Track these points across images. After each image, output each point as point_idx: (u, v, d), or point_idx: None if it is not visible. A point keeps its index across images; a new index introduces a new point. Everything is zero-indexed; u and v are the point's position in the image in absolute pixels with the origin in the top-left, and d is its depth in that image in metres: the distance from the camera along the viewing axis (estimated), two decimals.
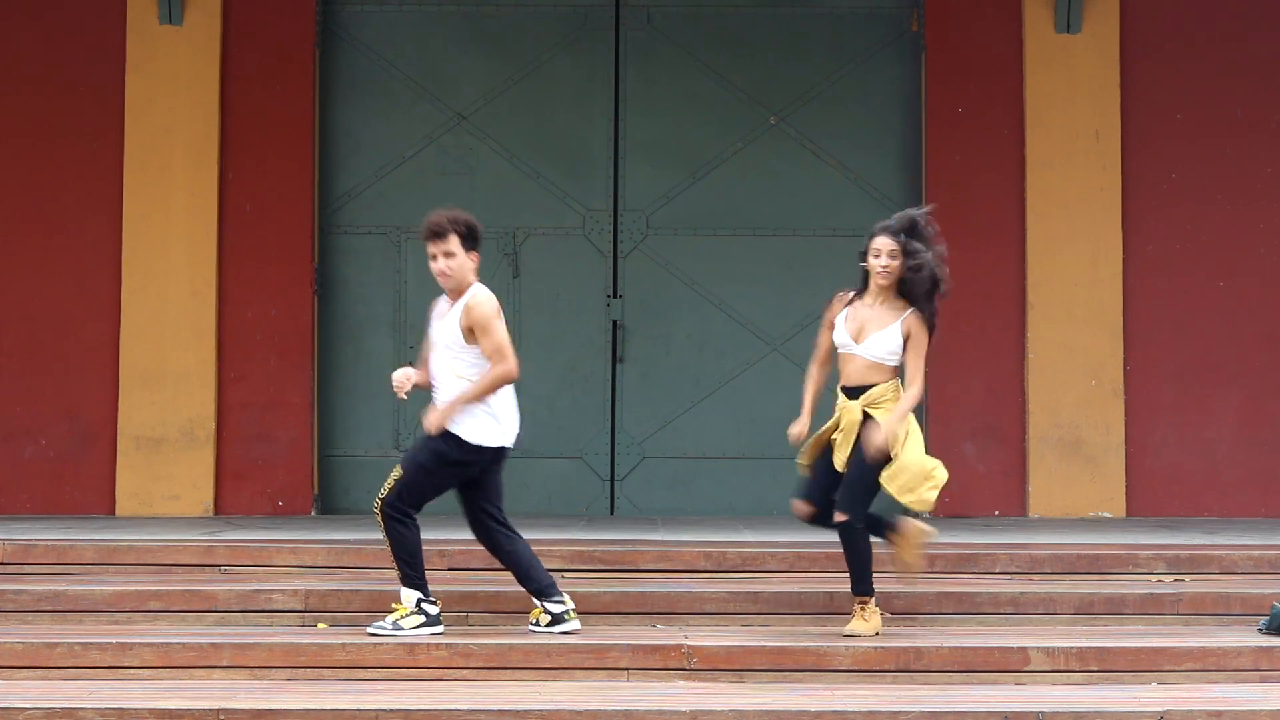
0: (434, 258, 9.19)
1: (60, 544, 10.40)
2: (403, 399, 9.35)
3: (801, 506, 9.25)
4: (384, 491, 9.03)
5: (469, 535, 9.34)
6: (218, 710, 7.80)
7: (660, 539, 10.98)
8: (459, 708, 7.85)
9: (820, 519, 9.20)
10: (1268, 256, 13.67)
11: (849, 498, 9.04)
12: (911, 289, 9.14)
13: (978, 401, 13.54)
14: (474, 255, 9.23)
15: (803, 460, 9.34)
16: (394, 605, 9.12)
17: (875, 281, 9.17)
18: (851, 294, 9.28)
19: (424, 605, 9.05)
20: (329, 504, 13.67)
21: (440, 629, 9.04)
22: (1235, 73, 13.72)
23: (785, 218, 13.78)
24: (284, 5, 13.70)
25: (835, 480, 9.14)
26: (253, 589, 9.58)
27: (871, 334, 9.12)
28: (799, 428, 9.26)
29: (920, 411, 13.68)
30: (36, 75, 13.60)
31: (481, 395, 9.05)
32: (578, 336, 13.90)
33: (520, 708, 7.85)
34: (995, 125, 13.65)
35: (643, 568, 10.23)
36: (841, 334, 9.18)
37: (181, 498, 13.33)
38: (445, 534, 10.91)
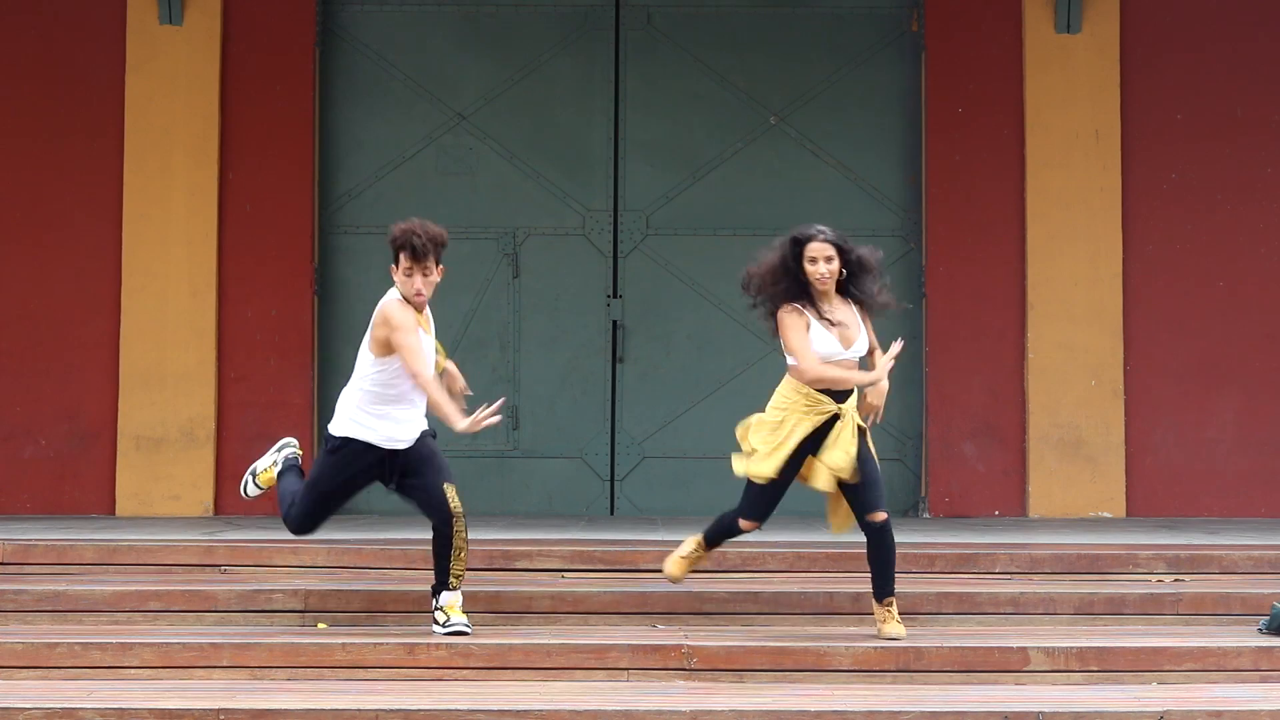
0: (411, 274, 9.13)
1: (60, 544, 10.39)
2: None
3: (752, 526, 9.19)
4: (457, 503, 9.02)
5: (469, 536, 9.30)
6: (218, 710, 7.80)
7: (660, 539, 10.96)
8: (459, 708, 7.85)
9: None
10: (1268, 256, 13.66)
11: (881, 495, 8.96)
12: (855, 283, 9.07)
13: (978, 401, 13.53)
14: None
15: (768, 472, 9.10)
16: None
17: (818, 287, 9.03)
18: (800, 306, 9.08)
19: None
20: None
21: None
22: (1235, 73, 13.72)
23: (785, 218, 13.67)
24: (284, 5, 13.70)
25: (783, 491, 9.09)
26: (253, 589, 9.57)
27: (856, 338, 9.06)
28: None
29: (920, 411, 13.74)
30: (36, 75, 13.59)
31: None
32: (578, 336, 13.89)
33: (520, 708, 7.85)
34: (995, 125, 13.65)
35: (643, 568, 10.21)
36: (831, 344, 9.03)
37: (181, 498, 13.33)
38: None
